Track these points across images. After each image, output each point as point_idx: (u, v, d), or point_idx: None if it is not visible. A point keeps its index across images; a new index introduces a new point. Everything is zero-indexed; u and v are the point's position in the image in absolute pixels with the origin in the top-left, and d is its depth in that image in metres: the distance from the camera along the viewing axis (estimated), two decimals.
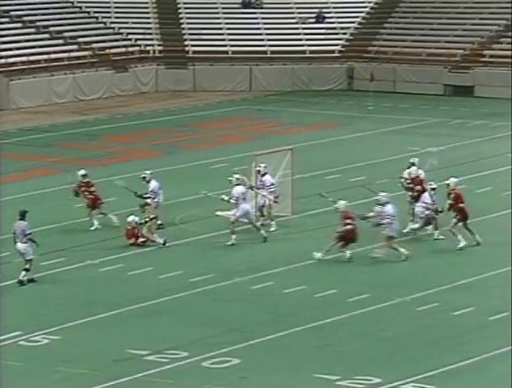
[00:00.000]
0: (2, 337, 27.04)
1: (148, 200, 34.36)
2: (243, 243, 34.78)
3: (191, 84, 60.75)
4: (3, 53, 57.34)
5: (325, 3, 64.65)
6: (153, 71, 61.06)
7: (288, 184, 37.13)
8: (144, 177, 35.93)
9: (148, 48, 61.97)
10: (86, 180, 36.01)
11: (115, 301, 29.50)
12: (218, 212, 36.20)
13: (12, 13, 61.18)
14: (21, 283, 30.85)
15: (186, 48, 62.25)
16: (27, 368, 25.38)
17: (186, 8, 64.70)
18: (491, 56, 60.00)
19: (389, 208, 32.98)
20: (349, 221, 32.14)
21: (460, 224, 33.61)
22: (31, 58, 57.83)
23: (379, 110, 55.22)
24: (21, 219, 31.04)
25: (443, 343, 26.68)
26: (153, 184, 35.62)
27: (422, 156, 43.76)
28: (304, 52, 62.09)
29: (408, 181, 35.43)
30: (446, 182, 33.93)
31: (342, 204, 33.18)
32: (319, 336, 27.25)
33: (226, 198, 34.54)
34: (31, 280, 31.05)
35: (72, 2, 64.34)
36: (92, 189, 36.10)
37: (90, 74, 58.92)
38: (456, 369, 25.06)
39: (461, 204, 33.58)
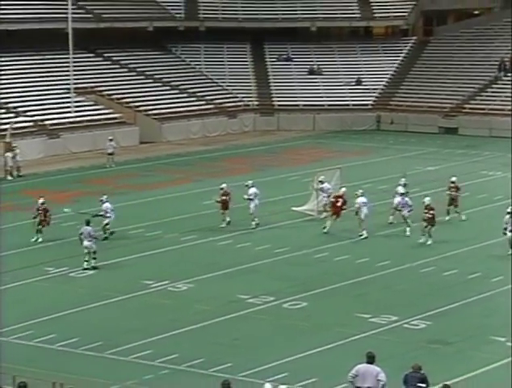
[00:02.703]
0: (158, 283, 27.27)
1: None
2: (306, 226, 34.55)
3: (276, 126, 60.43)
4: (157, 107, 57.76)
5: (362, 72, 64.32)
6: (252, 118, 60.77)
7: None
8: (247, 185, 34.97)
9: (249, 102, 61.81)
10: (225, 194, 33.78)
11: (228, 264, 29.40)
12: (293, 208, 36.46)
13: (156, 76, 61.05)
14: (94, 268, 28.71)
15: (273, 103, 62.06)
16: (171, 304, 25.65)
17: (273, 76, 64.48)
18: (469, 108, 59.58)
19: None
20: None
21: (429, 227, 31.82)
22: (174, 110, 57.94)
23: (396, 143, 54.84)
24: (87, 225, 29.21)
25: (437, 293, 26.81)
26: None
27: (425, 173, 44.11)
28: (348, 104, 61.83)
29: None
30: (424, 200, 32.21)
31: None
32: (357, 288, 27.25)
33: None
34: (95, 268, 28.84)
35: (200, 71, 64.09)
36: (225, 198, 33.89)
37: (212, 120, 58.72)
38: (445, 310, 25.33)
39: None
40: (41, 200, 32.76)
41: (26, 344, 22.71)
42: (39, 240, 32.16)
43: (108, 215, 32.04)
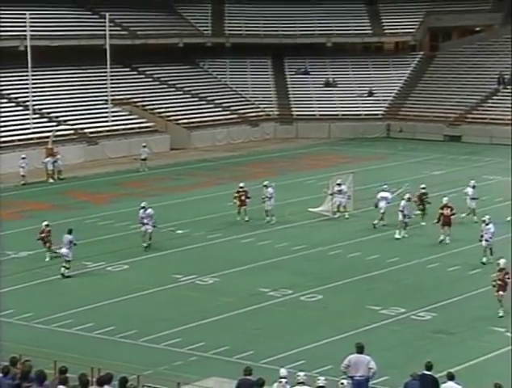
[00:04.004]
0: (187, 277, 27.28)
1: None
2: (322, 226, 34.46)
3: (295, 134, 60.29)
4: (186, 116, 57.84)
5: (374, 84, 64.07)
6: (273, 126, 60.67)
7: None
8: (265, 185, 34.85)
9: (270, 112, 61.75)
10: None
11: (250, 260, 29.35)
12: (310, 209, 36.42)
13: (185, 88, 61.15)
14: (63, 276, 27.14)
15: (292, 113, 61.97)
16: (198, 296, 25.54)
17: (292, 88, 64.34)
18: (472, 117, 59.27)
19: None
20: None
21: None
22: (201, 119, 57.82)
23: (405, 149, 54.48)
24: (68, 233, 27.79)
25: (442, 287, 26.70)
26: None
27: (431, 177, 43.91)
28: (360, 114, 61.63)
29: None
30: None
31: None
32: (368, 283, 27.18)
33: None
34: (68, 277, 27.23)
35: (226, 84, 64.08)
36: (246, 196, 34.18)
37: (236, 129, 58.63)
38: (449, 302, 25.26)
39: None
40: (45, 223, 29.82)
41: (66, 332, 22.82)
42: (47, 259, 29.04)
43: (145, 221, 30.49)
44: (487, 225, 28.76)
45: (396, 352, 21.25)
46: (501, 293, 23.55)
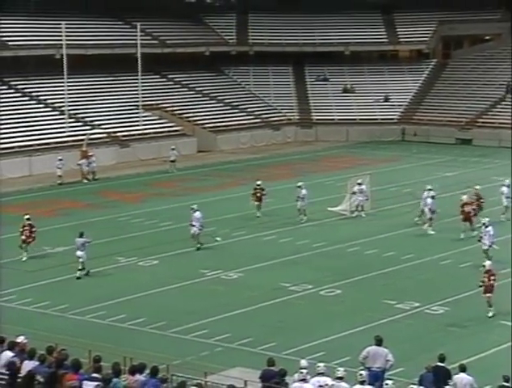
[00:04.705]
0: (213, 272, 27.24)
1: None
2: (340, 224, 34.31)
3: (314, 137, 60.19)
4: (212, 121, 57.84)
5: (389, 90, 63.84)
6: (294, 130, 60.66)
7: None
8: (299, 186, 34.73)
9: (291, 117, 61.74)
10: None
11: (272, 256, 29.23)
12: (329, 208, 36.31)
13: (211, 94, 61.11)
14: (78, 278, 26.52)
15: (312, 117, 61.90)
16: (224, 290, 25.67)
17: (312, 94, 64.21)
18: (482, 122, 58.91)
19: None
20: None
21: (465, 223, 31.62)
22: (227, 123, 57.92)
23: (419, 152, 54.26)
24: (80, 237, 27.08)
25: (454, 283, 26.54)
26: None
27: (443, 178, 43.67)
28: (376, 118, 61.41)
29: None
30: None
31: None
32: (384, 278, 27.04)
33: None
34: (87, 274, 26.85)
35: (249, 90, 64.08)
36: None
37: (259, 132, 58.58)
38: (461, 297, 25.15)
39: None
40: (27, 216, 28.54)
41: (100, 323, 22.88)
42: (24, 259, 28.07)
43: (193, 223, 30.12)
44: (486, 227, 27.95)
45: (411, 345, 21.13)
46: (488, 295, 22.99)
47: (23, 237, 28.51)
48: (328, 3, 66.74)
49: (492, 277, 23.06)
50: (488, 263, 23.78)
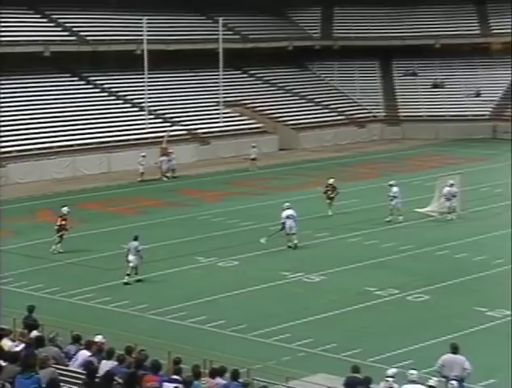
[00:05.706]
0: (294, 274, 27.18)
1: None
2: (429, 226, 33.90)
3: (401, 135, 59.71)
4: (294, 118, 57.87)
5: (481, 85, 62.72)
6: (380, 127, 60.36)
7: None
8: (390, 184, 34.89)
9: (377, 114, 61.36)
10: None
11: (357, 259, 28.90)
12: (417, 209, 35.82)
13: (294, 91, 61.12)
14: (126, 284, 26.08)
15: (399, 114, 61.40)
16: (306, 293, 25.67)
17: (400, 89, 63.77)
18: None
19: None
20: None
21: None
22: (309, 120, 57.90)
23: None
24: (134, 240, 26.77)
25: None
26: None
27: None
28: (467, 115, 60.41)
29: None
30: None
31: None
32: (475, 284, 26.48)
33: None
34: (139, 280, 26.47)
35: (333, 86, 63.88)
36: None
37: (343, 130, 58.45)
38: None
39: None
40: (65, 208, 28.98)
41: (180, 324, 23.11)
42: (56, 251, 28.60)
43: (287, 223, 30.24)
44: None
45: (503, 354, 20.68)
46: None
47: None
48: None
49: None
50: None
